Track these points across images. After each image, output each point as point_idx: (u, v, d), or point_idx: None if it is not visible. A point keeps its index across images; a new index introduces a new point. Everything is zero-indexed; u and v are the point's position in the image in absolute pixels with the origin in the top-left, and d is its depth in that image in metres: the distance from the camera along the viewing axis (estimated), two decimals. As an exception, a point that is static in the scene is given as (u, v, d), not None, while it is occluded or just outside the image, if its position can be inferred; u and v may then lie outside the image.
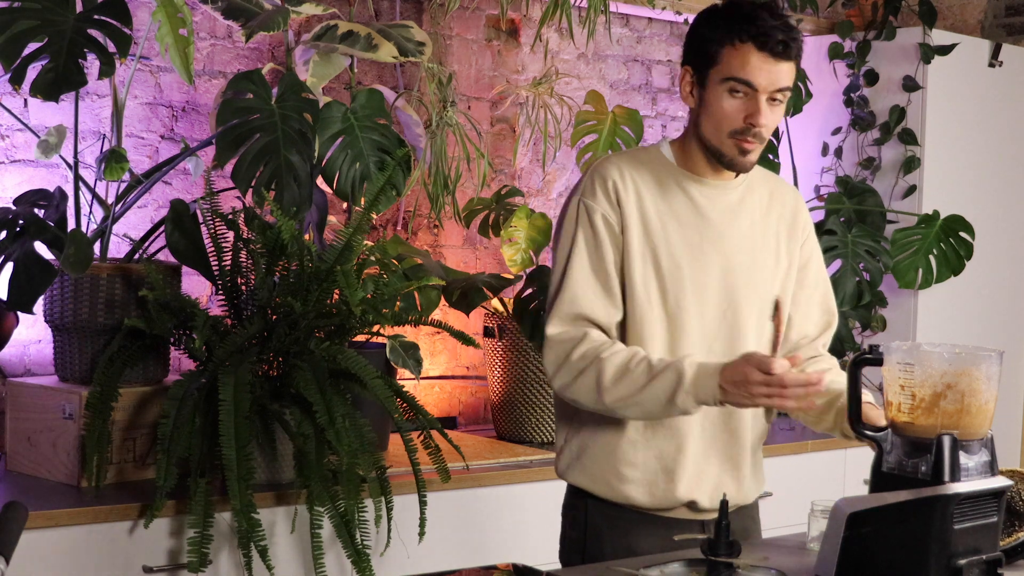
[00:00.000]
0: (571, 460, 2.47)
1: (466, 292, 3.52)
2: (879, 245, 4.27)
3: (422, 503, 2.98)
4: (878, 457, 2.16)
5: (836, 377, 2.46)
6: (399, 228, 3.91)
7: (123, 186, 3.10)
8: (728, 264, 2.41)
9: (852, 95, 4.50)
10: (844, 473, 4.14)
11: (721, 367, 2.24)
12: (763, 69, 2.30)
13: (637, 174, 2.40)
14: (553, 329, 2.36)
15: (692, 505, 2.43)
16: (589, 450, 2.44)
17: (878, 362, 2.17)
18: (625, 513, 2.43)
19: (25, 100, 3.25)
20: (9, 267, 2.85)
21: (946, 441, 2.08)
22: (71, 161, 3.07)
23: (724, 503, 2.07)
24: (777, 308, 2.41)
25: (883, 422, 2.18)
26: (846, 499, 1.92)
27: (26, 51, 2.80)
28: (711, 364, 2.26)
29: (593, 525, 2.45)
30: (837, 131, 4.55)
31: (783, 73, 2.32)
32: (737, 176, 2.44)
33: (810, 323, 2.55)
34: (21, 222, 2.89)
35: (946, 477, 2.06)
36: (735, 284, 2.41)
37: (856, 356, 2.21)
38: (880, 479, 2.15)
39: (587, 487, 2.45)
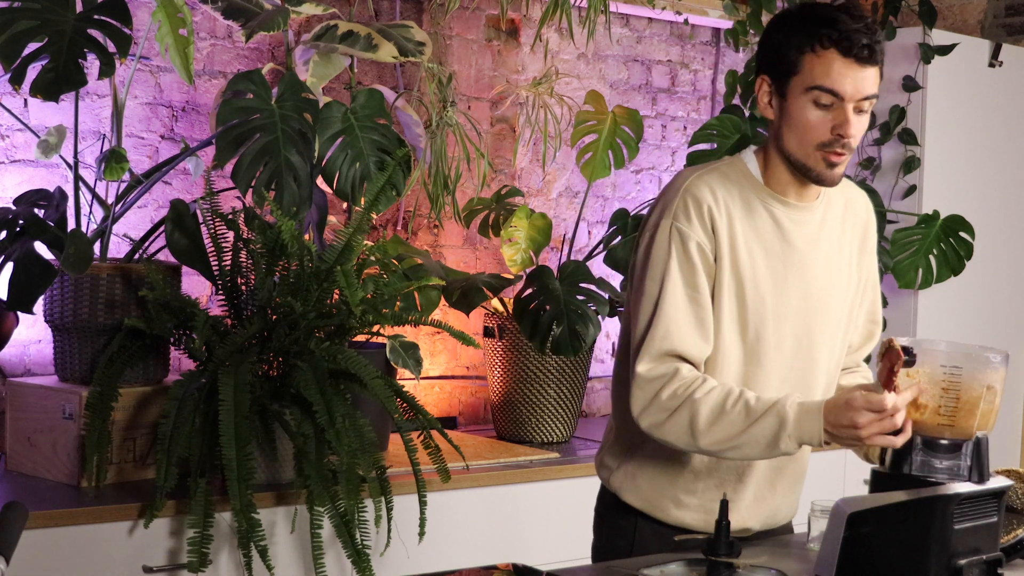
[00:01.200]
0: (626, 479, 2.40)
1: (466, 292, 3.52)
2: (879, 245, 4.26)
3: (422, 503, 2.98)
4: (896, 459, 2.13)
5: None
6: (399, 228, 3.91)
7: (123, 186, 3.10)
8: (807, 291, 2.31)
9: (852, 95, 4.50)
10: (844, 473, 4.14)
11: (823, 407, 2.13)
12: (849, 76, 2.17)
13: (728, 196, 2.26)
14: (643, 367, 2.21)
15: (744, 531, 2.38)
16: (647, 473, 2.37)
17: (910, 363, 2.12)
18: (675, 532, 2.35)
19: (25, 100, 3.25)
20: (9, 267, 2.85)
21: (983, 441, 2.10)
22: (71, 161, 3.07)
23: (724, 503, 2.06)
24: (891, 348, 2.17)
25: None
26: (846, 499, 1.91)
27: (26, 51, 2.80)
28: (813, 404, 2.15)
29: (641, 541, 2.39)
30: (837, 131, 4.54)
31: (869, 80, 2.19)
32: (819, 196, 2.34)
33: (856, 333, 2.46)
34: (21, 222, 2.89)
35: (986, 476, 2.08)
36: (812, 311, 2.32)
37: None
38: (881, 479, 2.15)
39: (641, 508, 2.39)
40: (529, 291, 3.59)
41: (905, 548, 1.98)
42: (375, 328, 3.11)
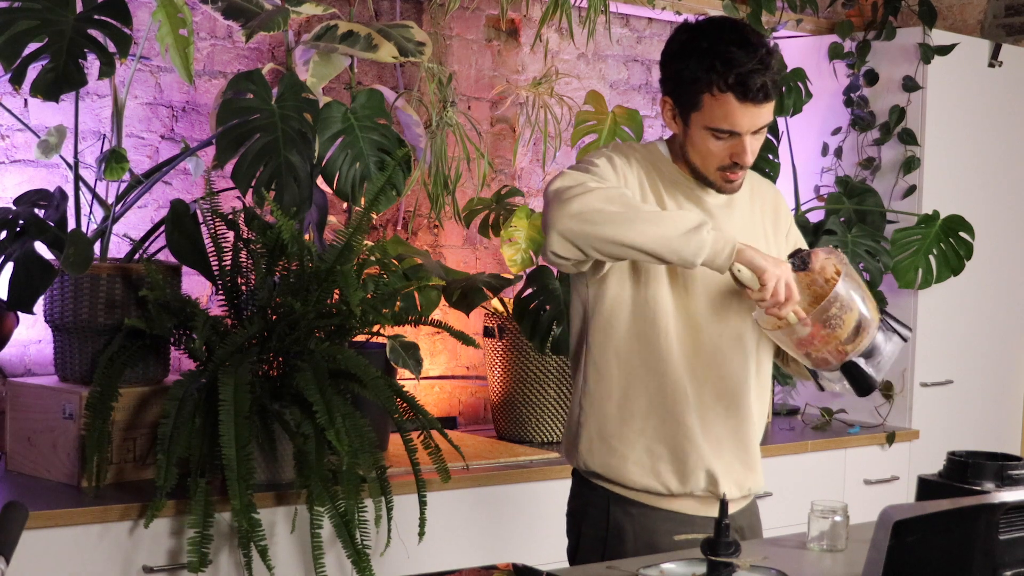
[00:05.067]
0: (588, 449, 2.45)
1: (466, 292, 3.52)
2: (879, 245, 4.27)
3: (422, 503, 2.98)
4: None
5: None
6: (399, 228, 3.91)
7: (123, 186, 3.11)
8: None
9: (852, 95, 4.50)
10: (844, 473, 4.14)
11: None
12: (746, 116, 2.31)
13: (644, 167, 2.42)
14: (562, 179, 2.27)
15: (713, 491, 2.43)
16: (602, 437, 2.43)
17: (800, 268, 2.31)
18: (647, 511, 2.42)
19: (25, 100, 3.25)
20: (9, 267, 2.85)
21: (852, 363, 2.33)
22: (71, 161, 3.07)
23: (724, 503, 2.06)
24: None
25: None
26: (892, 506, 1.88)
27: (26, 51, 2.80)
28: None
29: (615, 523, 2.44)
30: (837, 131, 4.55)
31: (764, 114, 2.33)
32: None
33: None
34: (21, 222, 2.90)
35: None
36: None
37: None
38: (927, 488, 2.28)
39: (604, 473, 2.43)
40: (529, 291, 3.59)
41: (949, 558, 1.95)
42: (375, 328, 3.11)
